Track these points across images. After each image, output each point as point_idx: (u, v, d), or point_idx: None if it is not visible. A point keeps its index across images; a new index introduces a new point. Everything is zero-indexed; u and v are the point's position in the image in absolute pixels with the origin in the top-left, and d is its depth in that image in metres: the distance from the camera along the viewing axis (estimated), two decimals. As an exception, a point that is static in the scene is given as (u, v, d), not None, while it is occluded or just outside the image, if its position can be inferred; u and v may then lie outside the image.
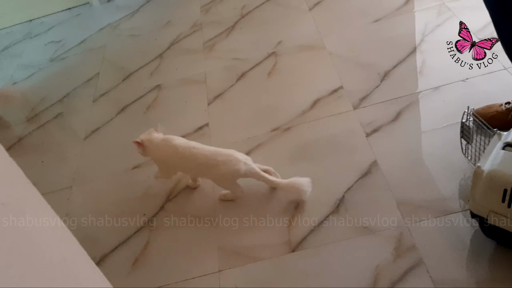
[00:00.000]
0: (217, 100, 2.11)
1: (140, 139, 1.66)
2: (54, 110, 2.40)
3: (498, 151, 1.21)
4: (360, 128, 1.76)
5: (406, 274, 1.30)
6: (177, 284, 1.45)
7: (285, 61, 2.21)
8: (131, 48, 2.73)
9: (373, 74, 1.97)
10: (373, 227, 1.43)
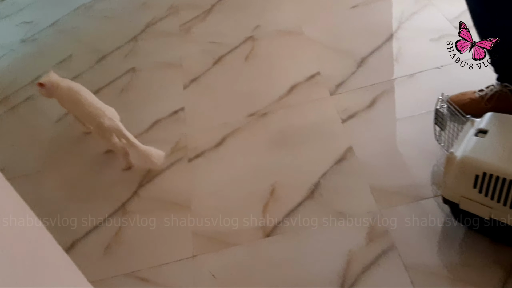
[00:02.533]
0: (193, 84, 2.08)
1: (43, 81, 1.76)
2: (25, 93, 2.33)
3: (471, 137, 1.22)
4: (336, 114, 1.76)
5: (378, 258, 1.31)
6: (150, 270, 1.43)
7: (263, 46, 2.19)
8: (105, 29, 2.67)
9: (349, 60, 1.97)
10: (347, 212, 1.44)
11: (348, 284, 1.27)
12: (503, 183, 1.12)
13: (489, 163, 1.15)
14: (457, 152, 1.20)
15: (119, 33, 2.55)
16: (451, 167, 1.20)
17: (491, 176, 1.13)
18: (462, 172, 1.18)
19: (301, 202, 1.51)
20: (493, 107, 1.51)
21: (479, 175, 1.15)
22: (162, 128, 1.90)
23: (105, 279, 1.44)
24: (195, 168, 1.71)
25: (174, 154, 1.78)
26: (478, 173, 1.15)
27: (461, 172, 1.18)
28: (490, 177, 1.14)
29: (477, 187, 1.17)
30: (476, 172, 1.15)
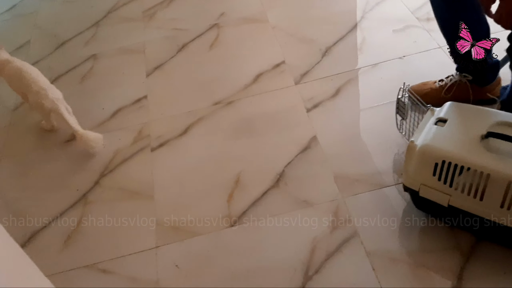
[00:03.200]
0: (157, 71, 2.04)
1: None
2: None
3: (431, 126, 1.24)
4: (301, 103, 1.76)
5: (342, 245, 1.33)
6: (112, 261, 1.40)
7: (228, 34, 2.17)
8: (65, 15, 2.57)
9: (314, 49, 1.97)
10: (312, 200, 1.45)
11: (312, 271, 1.29)
12: (461, 171, 1.15)
13: (448, 151, 1.17)
14: (418, 141, 1.22)
15: (80, 18, 2.47)
16: (412, 156, 1.23)
17: (450, 164, 1.16)
18: (422, 160, 1.21)
19: (266, 191, 1.51)
20: (452, 96, 1.55)
21: (439, 163, 1.18)
22: (125, 116, 1.86)
23: (65, 272, 1.40)
24: (158, 158, 1.68)
25: (137, 143, 1.75)
26: (437, 161, 1.18)
27: (421, 160, 1.21)
28: (449, 165, 1.16)
29: (436, 175, 1.20)
30: (436, 160, 1.18)
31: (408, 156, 1.24)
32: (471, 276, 1.22)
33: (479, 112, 1.28)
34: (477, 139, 1.17)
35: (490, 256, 1.25)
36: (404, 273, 1.26)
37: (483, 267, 1.23)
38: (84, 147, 1.71)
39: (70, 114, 1.74)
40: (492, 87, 1.56)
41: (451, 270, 1.24)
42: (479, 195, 1.15)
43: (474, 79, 1.54)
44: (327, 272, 1.28)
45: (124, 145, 1.75)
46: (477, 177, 1.13)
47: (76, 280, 1.38)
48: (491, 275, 1.21)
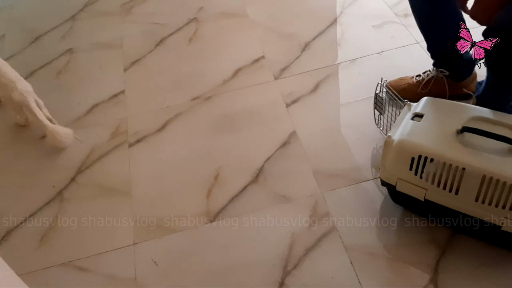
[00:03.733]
0: (134, 66, 2.01)
1: None
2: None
3: (408, 121, 1.25)
4: (280, 99, 1.76)
5: (320, 240, 1.33)
6: (89, 259, 1.38)
7: (207, 28, 2.15)
8: (41, 8, 2.51)
9: (294, 44, 1.97)
10: (291, 196, 1.45)
11: (291, 266, 1.29)
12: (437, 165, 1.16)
13: (424, 146, 1.18)
14: (395, 136, 1.23)
15: (55, 12, 2.42)
16: (389, 150, 1.24)
17: (426, 159, 1.17)
18: (399, 155, 1.22)
19: (245, 186, 1.50)
20: (429, 91, 1.57)
21: (415, 158, 1.19)
22: (102, 112, 1.83)
23: (41, 270, 1.37)
24: (136, 153, 1.66)
25: (114, 139, 1.72)
26: (414, 156, 1.19)
27: (398, 155, 1.22)
28: (425, 160, 1.17)
29: (413, 169, 1.21)
30: (412, 154, 1.19)
31: (385, 151, 1.25)
32: (446, 268, 1.24)
33: (455, 107, 1.29)
34: (452, 134, 1.19)
35: (465, 249, 1.27)
36: (382, 267, 1.27)
37: (458, 259, 1.25)
38: (53, 143, 1.68)
39: (41, 108, 1.69)
40: (468, 82, 1.58)
41: (427, 263, 1.25)
42: (455, 189, 1.16)
43: (451, 75, 1.56)
44: (306, 267, 1.28)
45: (101, 141, 1.72)
46: (452, 171, 1.14)
47: (52, 278, 1.36)
48: (466, 267, 1.23)
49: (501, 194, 1.10)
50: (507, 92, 1.34)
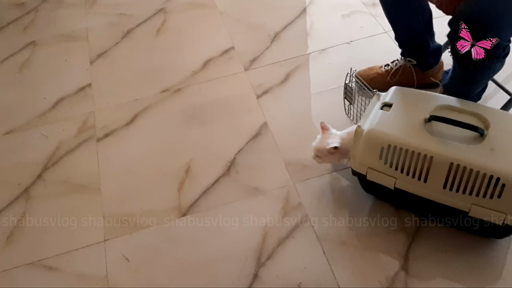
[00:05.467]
0: (101, 59, 1.96)
1: None
2: None
3: (377, 111, 1.26)
4: (251, 90, 1.75)
5: (293, 231, 1.34)
6: (57, 257, 1.35)
7: (175, 19, 2.11)
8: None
9: (263, 35, 1.96)
10: (263, 187, 1.45)
11: (264, 258, 1.29)
12: (406, 154, 1.18)
13: (393, 135, 1.20)
14: (364, 126, 1.24)
15: (15, 3, 2.33)
16: (359, 140, 1.24)
17: (395, 148, 1.19)
18: (368, 144, 1.23)
19: (217, 179, 1.49)
20: (397, 81, 1.59)
21: (384, 147, 1.20)
22: (68, 106, 1.78)
23: (8, 270, 1.34)
24: (104, 148, 1.62)
25: (82, 133, 1.68)
26: (383, 145, 1.20)
27: (368, 144, 1.23)
28: (394, 149, 1.19)
29: (382, 159, 1.22)
30: (382, 144, 1.20)
31: (355, 140, 1.26)
32: (416, 255, 1.26)
33: (423, 96, 1.31)
34: (420, 123, 1.20)
35: (433, 236, 1.29)
36: (354, 256, 1.28)
37: (427, 246, 1.28)
38: None
39: None
40: (435, 71, 1.61)
41: (398, 250, 1.27)
42: (423, 177, 1.18)
43: (418, 64, 1.58)
44: (279, 258, 1.29)
45: (68, 136, 1.68)
46: (421, 160, 1.16)
47: (19, 278, 1.32)
48: (435, 253, 1.26)
49: (468, 181, 1.13)
50: (473, 81, 1.36)
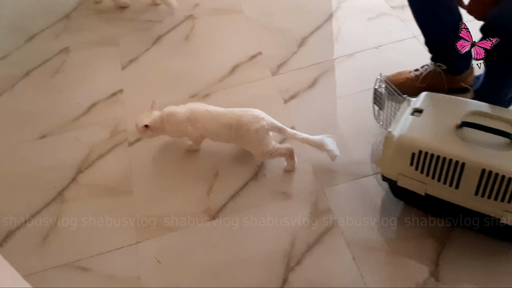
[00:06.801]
0: (132, 64, 2.01)
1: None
2: None
3: (407, 116, 1.26)
4: (278, 95, 1.76)
5: (322, 236, 1.34)
6: (91, 259, 1.39)
7: (203, 25, 2.14)
8: (33, 6, 2.50)
9: (290, 40, 1.97)
10: (291, 192, 1.46)
11: (293, 262, 1.30)
12: (437, 160, 1.17)
13: (424, 141, 1.19)
14: (395, 131, 1.24)
15: (48, 10, 2.40)
16: (389, 146, 1.24)
17: (426, 154, 1.18)
18: (399, 150, 1.23)
19: (245, 183, 1.51)
20: (427, 86, 1.58)
21: (415, 153, 1.20)
22: (100, 111, 1.83)
23: (43, 271, 1.38)
24: (136, 152, 1.66)
25: (114, 138, 1.72)
26: (414, 151, 1.20)
27: (399, 150, 1.23)
28: (425, 155, 1.18)
29: (413, 165, 1.22)
30: (412, 150, 1.20)
31: (386, 146, 1.26)
32: (446, 261, 1.25)
33: (454, 102, 1.30)
34: (452, 129, 1.20)
35: (464, 242, 1.28)
36: (383, 261, 1.28)
37: (458, 252, 1.27)
38: None
39: None
40: (465, 76, 1.59)
41: (428, 256, 1.27)
42: (455, 183, 1.17)
43: (448, 69, 1.57)
44: (308, 263, 1.29)
45: (101, 140, 1.72)
46: (452, 166, 1.15)
47: (54, 279, 1.36)
48: (465, 260, 1.25)
49: (500, 188, 1.11)
50: (504, 86, 1.35)
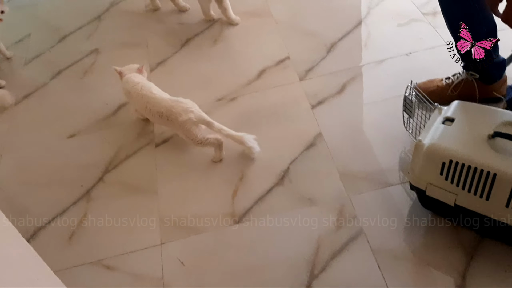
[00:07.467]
0: (160, 66, 2.03)
1: None
2: (-20, 73, 2.21)
3: (438, 125, 1.24)
4: (305, 100, 1.75)
5: (347, 244, 1.33)
6: (116, 258, 1.40)
7: (231, 29, 2.15)
8: (66, 7, 2.55)
9: (319, 45, 1.96)
10: (317, 198, 1.45)
11: (318, 269, 1.29)
12: (468, 170, 1.15)
13: (455, 151, 1.17)
14: (425, 140, 1.22)
15: (81, 11, 2.45)
16: (419, 154, 1.22)
17: (457, 164, 1.16)
18: (429, 159, 1.20)
19: (270, 188, 1.50)
20: (459, 94, 1.55)
21: (446, 163, 1.18)
22: (128, 112, 1.85)
23: (70, 268, 1.40)
24: (162, 153, 1.68)
25: (141, 139, 1.74)
26: (444, 161, 1.18)
27: (429, 159, 1.21)
28: (456, 165, 1.16)
29: (443, 174, 1.19)
30: (443, 159, 1.18)
31: (416, 155, 1.24)
32: (474, 273, 1.22)
33: (486, 111, 1.27)
34: (484, 138, 1.17)
35: (493, 254, 1.25)
36: (409, 271, 1.26)
37: (486, 265, 1.24)
38: None
39: None
40: (498, 85, 1.55)
41: (455, 267, 1.24)
42: (486, 194, 1.15)
43: (481, 77, 1.53)
44: (333, 271, 1.28)
45: (128, 140, 1.74)
46: (483, 176, 1.13)
47: (80, 276, 1.38)
48: (494, 272, 1.22)
49: (533, 201, 1.09)
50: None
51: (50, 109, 1.95)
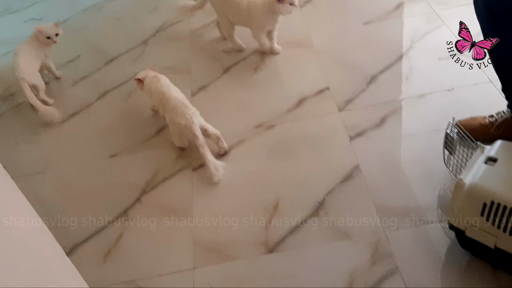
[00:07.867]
0: (201, 92, 2.07)
1: None
2: (31, 91, 2.32)
3: (480, 164, 1.21)
4: (344, 131, 1.75)
5: (381, 281, 1.30)
6: (150, 279, 1.42)
7: (273, 57, 2.18)
8: (115, 31, 2.66)
9: (360, 77, 1.96)
10: (352, 232, 1.43)
11: (350, 305, 1.27)
12: (510, 213, 1.11)
13: (497, 192, 1.14)
14: (466, 179, 1.19)
15: (129, 36, 2.54)
16: (460, 194, 1.20)
17: (498, 205, 1.13)
18: (470, 199, 1.18)
19: (305, 219, 1.50)
20: (502, 134, 1.51)
21: (487, 204, 1.14)
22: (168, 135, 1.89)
23: (104, 287, 1.42)
24: (199, 177, 1.70)
25: (179, 161, 1.77)
26: (486, 201, 1.15)
27: (469, 199, 1.18)
28: (498, 206, 1.13)
29: (484, 215, 1.16)
30: (484, 200, 1.15)
31: (456, 194, 1.21)
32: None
33: (532, 153, 1.24)
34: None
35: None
36: (445, 314, 1.22)
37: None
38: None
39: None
40: (544, 125, 1.51)
41: (494, 313, 1.19)
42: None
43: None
44: (366, 308, 1.25)
45: (166, 163, 1.78)
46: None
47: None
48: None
49: None
50: None
51: (94, 128, 2.02)
